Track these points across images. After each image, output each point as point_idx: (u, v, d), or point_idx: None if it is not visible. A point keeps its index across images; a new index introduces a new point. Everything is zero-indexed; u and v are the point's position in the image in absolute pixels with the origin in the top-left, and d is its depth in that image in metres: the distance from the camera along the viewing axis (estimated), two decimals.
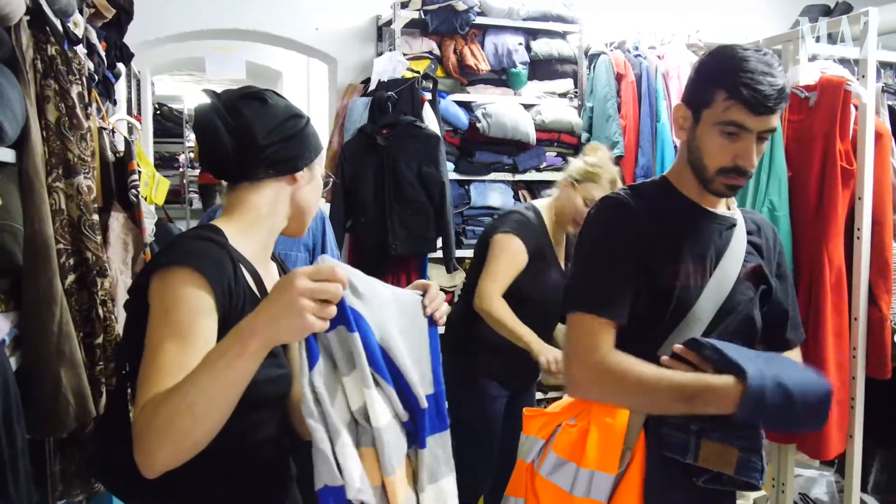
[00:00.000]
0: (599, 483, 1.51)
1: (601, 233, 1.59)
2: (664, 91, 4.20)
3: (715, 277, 1.53)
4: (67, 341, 1.73)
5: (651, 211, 1.56)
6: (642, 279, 1.52)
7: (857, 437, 2.34)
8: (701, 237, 1.56)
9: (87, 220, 1.90)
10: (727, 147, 1.47)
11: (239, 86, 1.41)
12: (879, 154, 2.30)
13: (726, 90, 1.44)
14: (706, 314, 1.52)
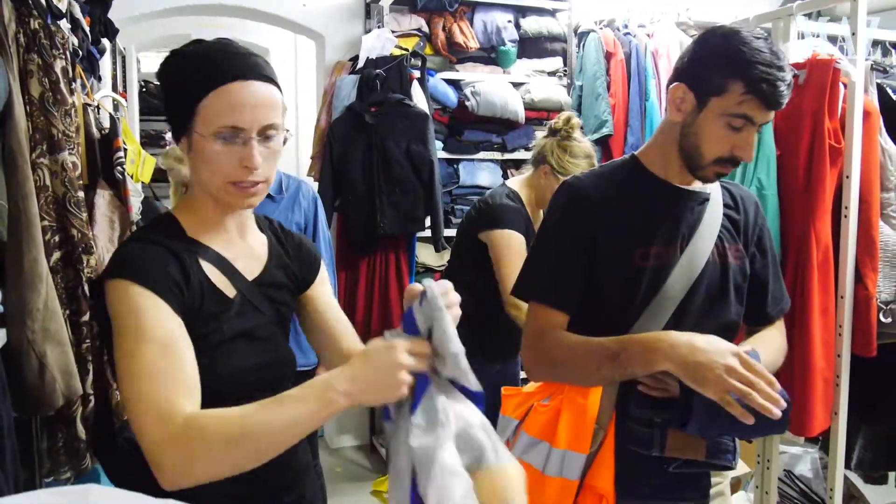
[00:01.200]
0: (571, 462, 1.52)
1: (554, 221, 1.59)
2: (653, 69, 4.20)
3: (686, 255, 1.52)
4: (53, 319, 1.71)
5: (616, 193, 1.54)
6: (608, 264, 1.52)
7: (842, 415, 2.36)
8: (671, 215, 1.54)
9: (73, 197, 1.88)
10: (729, 137, 1.45)
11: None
12: (867, 133, 2.30)
13: (745, 83, 1.40)
14: (677, 293, 1.51)
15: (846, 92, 2.29)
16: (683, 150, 1.51)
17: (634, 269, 1.51)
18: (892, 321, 2.32)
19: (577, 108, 4.23)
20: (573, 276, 1.53)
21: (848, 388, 2.37)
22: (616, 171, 1.60)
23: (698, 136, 1.47)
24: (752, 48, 1.39)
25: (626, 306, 1.52)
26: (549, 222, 1.61)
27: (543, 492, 1.53)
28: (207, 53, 1.22)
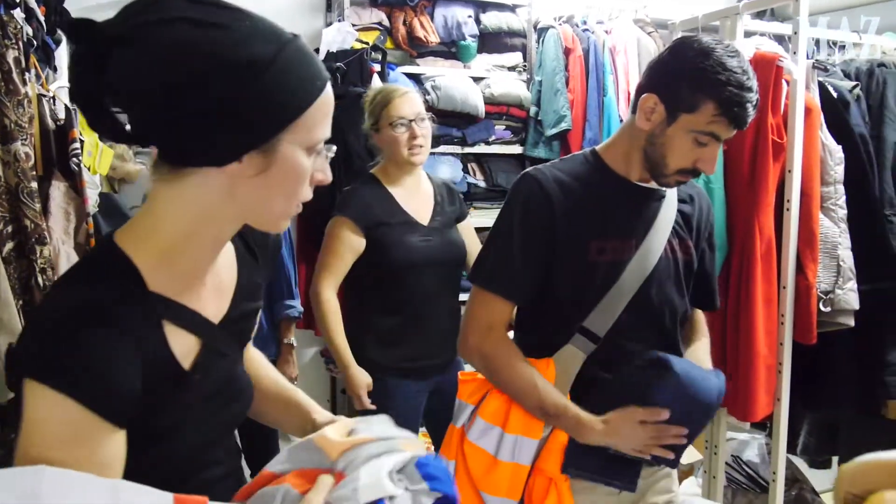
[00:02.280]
0: (523, 448, 1.57)
1: (514, 212, 1.59)
2: (611, 66, 4.26)
3: (641, 251, 1.57)
4: (6, 309, 1.72)
5: (571, 186, 1.56)
6: (565, 255, 1.55)
7: (784, 400, 2.45)
8: (628, 212, 1.58)
9: (26, 188, 1.89)
10: (694, 151, 1.48)
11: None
12: (809, 128, 2.39)
13: (716, 104, 1.43)
14: (631, 287, 1.56)
15: (788, 89, 2.37)
16: (648, 158, 1.54)
17: (589, 263, 1.55)
18: (831, 310, 2.41)
19: (536, 103, 4.28)
20: (529, 268, 1.56)
21: (790, 375, 2.46)
22: (577, 166, 1.62)
23: (665, 147, 1.50)
24: (728, 69, 1.42)
25: (579, 299, 1.56)
26: (509, 212, 1.61)
27: (496, 476, 1.57)
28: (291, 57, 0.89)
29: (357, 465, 0.92)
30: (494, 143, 4.32)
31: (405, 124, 2.39)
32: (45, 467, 0.88)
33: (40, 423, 0.87)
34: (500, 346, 1.58)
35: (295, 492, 0.92)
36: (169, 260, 0.93)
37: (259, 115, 0.87)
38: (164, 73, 0.85)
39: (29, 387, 0.85)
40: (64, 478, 0.90)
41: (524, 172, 1.62)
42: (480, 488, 1.59)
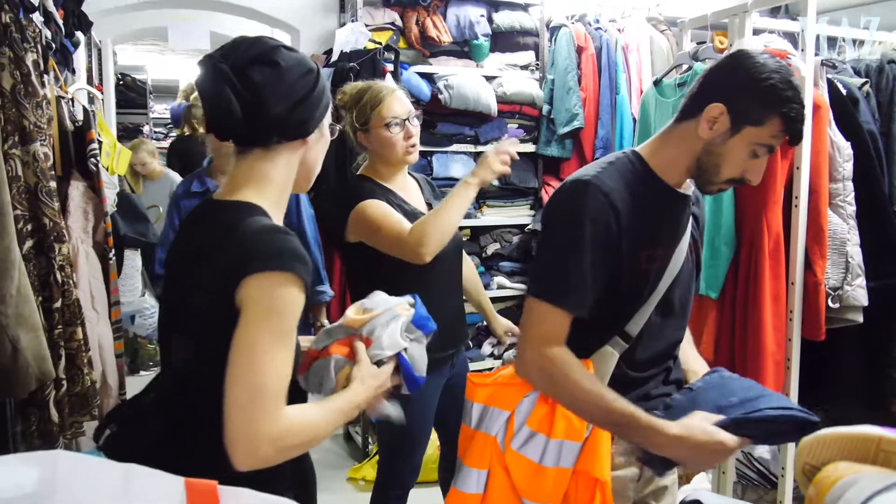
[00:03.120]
0: (567, 452, 1.57)
1: (580, 222, 1.52)
2: (623, 64, 4.28)
3: (674, 256, 1.60)
4: (26, 304, 1.77)
5: (630, 197, 1.54)
6: (621, 263, 1.54)
7: (793, 395, 2.46)
8: (673, 220, 1.61)
9: (44, 187, 1.94)
10: (747, 162, 1.51)
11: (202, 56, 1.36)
12: (817, 125, 2.39)
13: (783, 121, 1.46)
14: (664, 288, 1.59)
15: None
16: (701, 165, 1.55)
17: (641, 272, 1.57)
18: (839, 306, 2.42)
19: (548, 102, 4.30)
20: (598, 280, 1.53)
21: (798, 371, 2.46)
22: (628, 174, 1.59)
23: (722, 157, 1.52)
24: (793, 87, 1.47)
25: (626, 305, 1.59)
26: (576, 225, 1.53)
27: (540, 482, 1.58)
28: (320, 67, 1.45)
29: (378, 332, 1.44)
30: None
31: (399, 124, 2.30)
32: (61, 451, 0.92)
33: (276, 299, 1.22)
34: (559, 360, 1.52)
35: (342, 357, 1.43)
36: (276, 207, 1.36)
37: (321, 104, 1.37)
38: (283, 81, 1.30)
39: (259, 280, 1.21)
40: (78, 461, 0.94)
41: (583, 181, 1.54)
42: (524, 496, 1.60)
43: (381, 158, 2.37)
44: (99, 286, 2.57)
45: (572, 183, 1.56)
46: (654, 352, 1.63)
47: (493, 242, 4.42)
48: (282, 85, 1.29)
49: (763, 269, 2.38)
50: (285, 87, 1.29)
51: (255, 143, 1.33)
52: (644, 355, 1.62)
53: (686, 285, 1.66)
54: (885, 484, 0.87)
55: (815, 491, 0.97)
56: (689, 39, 3.03)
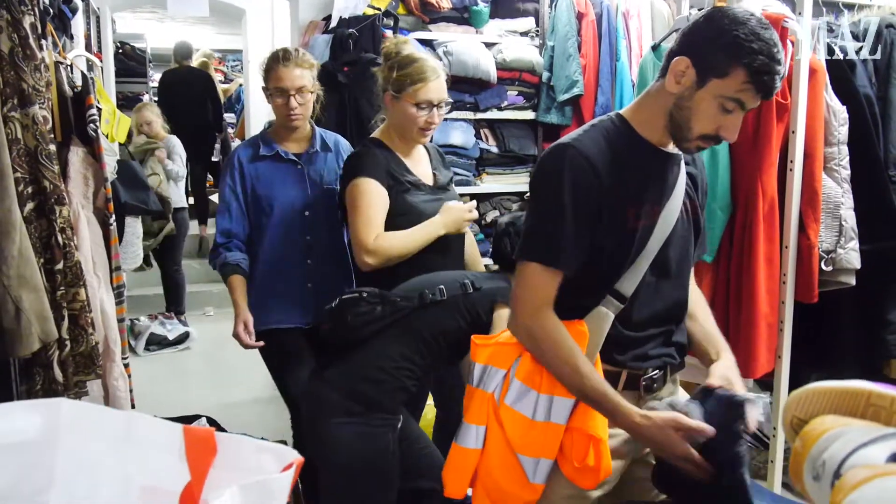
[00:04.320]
0: (558, 407, 1.60)
1: (561, 186, 1.56)
2: (624, 30, 4.25)
3: (663, 214, 1.61)
4: (28, 266, 1.80)
5: (611, 156, 1.57)
6: (605, 224, 1.57)
7: (785, 357, 2.50)
8: (658, 178, 1.62)
9: (44, 150, 1.95)
10: (718, 118, 1.50)
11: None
12: (813, 89, 2.40)
13: (747, 72, 1.45)
14: (656, 246, 1.60)
15: (794, 49, 2.38)
16: (673, 121, 1.56)
17: (627, 231, 1.59)
18: (832, 269, 2.44)
19: (548, 69, 4.28)
20: (582, 240, 1.57)
21: (791, 333, 2.49)
22: (609, 134, 1.62)
23: (691, 111, 1.52)
24: (761, 39, 1.45)
25: (616, 264, 1.60)
26: (557, 186, 1.58)
27: (532, 437, 1.62)
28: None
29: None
30: (507, 109, 4.33)
31: (427, 108, 2.38)
32: (65, 399, 0.95)
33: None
34: (547, 326, 1.58)
35: None
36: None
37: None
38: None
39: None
40: (81, 409, 0.97)
41: (563, 145, 1.59)
42: (517, 450, 1.64)
43: (397, 129, 2.46)
44: (100, 251, 2.59)
45: (553, 148, 1.61)
46: (651, 312, 1.65)
47: (493, 210, 4.43)
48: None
49: (757, 233, 2.40)
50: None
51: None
52: (641, 315, 1.64)
53: (682, 246, 1.67)
54: (870, 437, 0.88)
55: (801, 443, 0.98)
56: (688, 4, 3.02)
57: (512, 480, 1.64)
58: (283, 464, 0.91)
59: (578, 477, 1.60)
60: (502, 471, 1.65)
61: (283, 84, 2.60)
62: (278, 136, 2.72)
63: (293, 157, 2.68)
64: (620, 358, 1.65)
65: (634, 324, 1.64)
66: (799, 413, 1.06)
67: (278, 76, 2.60)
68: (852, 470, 0.80)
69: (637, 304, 1.62)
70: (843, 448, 0.88)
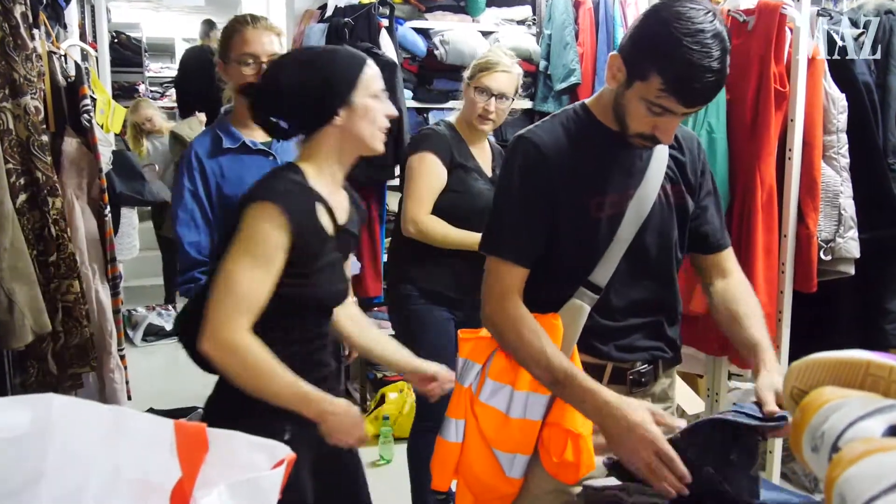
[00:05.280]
0: (534, 404, 1.58)
1: (513, 177, 1.59)
2: (621, 18, 4.22)
3: (634, 200, 1.57)
4: (20, 258, 1.79)
5: (568, 146, 1.56)
6: (566, 215, 1.56)
7: (784, 348, 2.49)
8: (622, 165, 1.58)
9: (37, 141, 1.94)
10: (650, 119, 1.46)
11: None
12: (812, 77, 2.38)
13: (662, 78, 1.38)
14: (627, 236, 1.57)
15: (792, 37, 2.36)
16: (616, 116, 1.54)
17: (591, 220, 1.56)
18: (831, 258, 2.43)
19: (545, 57, 4.25)
20: (535, 231, 1.57)
21: (790, 323, 2.49)
22: (569, 122, 1.60)
23: (625, 109, 1.49)
24: (682, 44, 1.35)
25: (583, 256, 1.58)
26: (508, 177, 1.61)
27: (508, 433, 1.61)
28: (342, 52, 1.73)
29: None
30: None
31: (486, 95, 2.55)
32: (55, 395, 0.94)
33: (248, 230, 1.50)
34: (510, 313, 1.57)
35: None
36: (320, 168, 1.61)
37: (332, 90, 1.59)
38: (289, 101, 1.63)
39: (250, 210, 1.51)
40: (71, 404, 0.96)
41: (518, 136, 1.60)
42: (493, 445, 1.63)
43: (465, 114, 2.66)
44: (95, 243, 2.58)
45: (512, 140, 1.63)
46: (630, 301, 1.62)
47: None
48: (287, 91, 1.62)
49: (755, 222, 2.39)
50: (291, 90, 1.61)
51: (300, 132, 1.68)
52: (619, 305, 1.61)
53: (661, 233, 1.62)
54: (869, 409, 0.88)
55: (801, 415, 0.97)
56: None
57: (490, 474, 1.64)
58: (274, 460, 0.90)
59: (559, 472, 1.57)
60: (480, 465, 1.65)
61: (253, 49, 2.15)
62: (240, 122, 2.20)
63: (262, 146, 2.20)
64: (603, 349, 1.62)
65: (613, 314, 1.61)
66: (799, 384, 1.06)
67: (245, 40, 2.16)
68: (850, 444, 0.80)
69: (614, 294, 1.60)
70: (841, 420, 0.89)
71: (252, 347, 1.46)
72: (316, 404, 1.52)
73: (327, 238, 1.59)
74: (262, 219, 1.49)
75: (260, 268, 1.48)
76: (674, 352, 1.71)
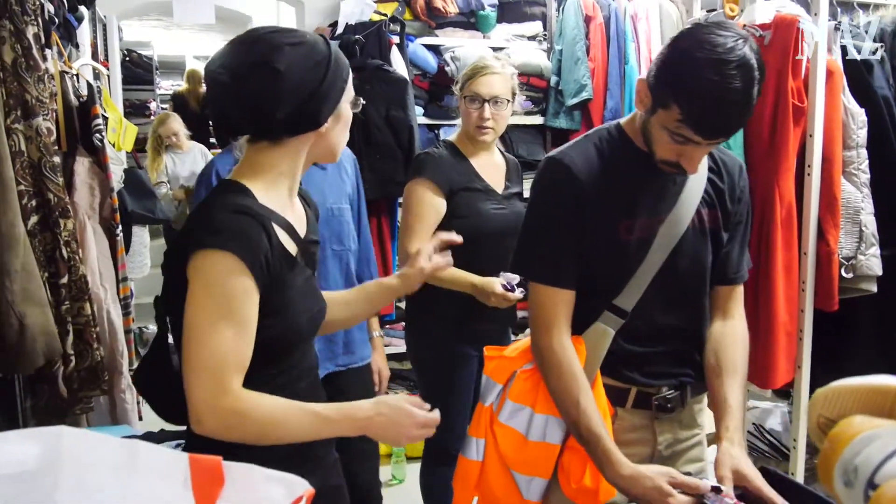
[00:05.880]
0: (554, 427, 1.57)
1: (543, 198, 1.58)
2: (632, 33, 4.21)
3: (666, 225, 1.54)
4: (32, 280, 1.76)
5: (600, 167, 1.53)
6: (596, 237, 1.53)
7: (805, 368, 2.44)
8: (655, 188, 1.55)
9: (48, 162, 1.92)
10: (675, 147, 1.43)
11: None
12: (831, 92, 2.35)
13: (680, 108, 1.35)
14: (657, 261, 1.55)
15: (809, 51, 2.33)
16: (644, 139, 1.51)
17: (620, 243, 1.53)
18: (853, 276, 2.39)
19: (556, 73, 4.24)
20: (570, 253, 1.54)
21: (811, 342, 2.44)
22: (602, 143, 1.58)
23: (651, 136, 1.47)
24: (703, 76, 1.32)
25: (610, 279, 1.56)
26: (539, 200, 1.59)
27: (526, 455, 1.59)
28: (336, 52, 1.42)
29: None
30: (515, 114, 4.29)
31: (478, 103, 2.39)
32: (65, 427, 0.91)
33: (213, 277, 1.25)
34: (554, 349, 1.54)
35: None
36: (271, 189, 1.36)
37: (333, 93, 1.34)
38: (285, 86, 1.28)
39: (200, 257, 1.25)
40: (82, 437, 0.93)
41: (550, 157, 1.58)
42: (511, 467, 1.61)
43: (465, 130, 2.50)
44: (106, 262, 2.56)
45: (543, 160, 1.60)
46: (657, 327, 1.58)
47: None
48: (284, 90, 1.28)
49: (775, 239, 2.35)
50: (288, 90, 1.28)
51: (262, 139, 1.36)
52: (645, 329, 1.58)
53: (694, 258, 1.59)
54: None
55: (831, 446, 0.94)
56: (699, 6, 2.98)
57: (508, 495, 1.62)
58: (293, 495, 0.87)
59: (578, 497, 1.55)
60: (499, 485, 1.63)
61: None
62: None
63: None
64: (627, 374, 1.60)
65: (638, 339, 1.58)
66: (826, 412, 1.02)
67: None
68: (890, 482, 0.78)
69: (640, 319, 1.57)
70: (875, 454, 0.85)
71: (255, 405, 1.26)
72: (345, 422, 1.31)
73: (293, 261, 1.37)
74: (219, 271, 1.25)
75: (235, 324, 1.25)
76: (703, 377, 1.66)
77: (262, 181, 1.36)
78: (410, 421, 1.31)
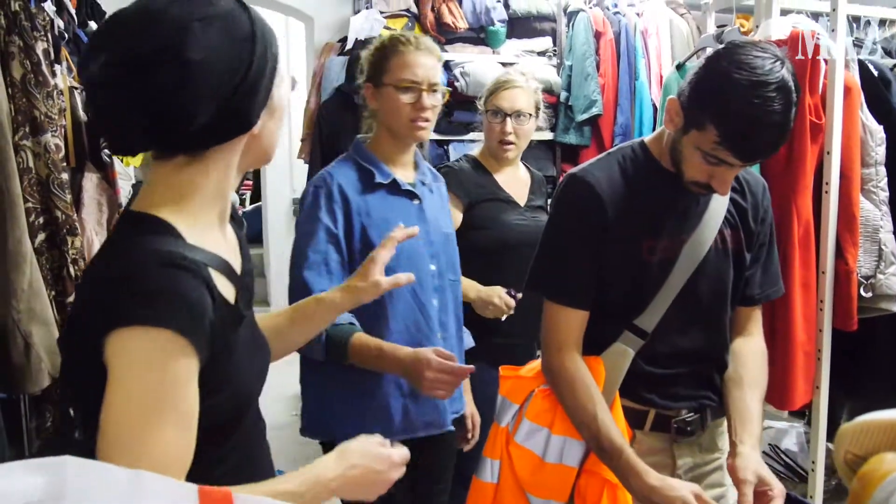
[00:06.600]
0: (571, 449, 1.54)
1: (565, 216, 1.57)
2: (643, 49, 4.19)
3: (689, 245, 1.52)
4: (38, 299, 1.74)
5: (623, 186, 1.52)
6: (617, 257, 1.51)
7: (824, 388, 2.39)
8: (678, 208, 1.53)
9: (56, 179, 1.90)
10: (706, 168, 1.42)
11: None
12: (848, 108, 2.32)
13: (718, 130, 1.34)
14: (679, 281, 1.53)
15: (827, 68, 2.30)
16: (672, 159, 1.50)
17: (641, 263, 1.52)
18: (872, 295, 2.35)
19: (566, 88, 4.23)
20: (587, 273, 1.53)
21: (829, 362, 2.40)
22: (626, 161, 1.56)
23: (681, 155, 1.45)
24: (742, 97, 1.31)
25: (631, 299, 1.54)
26: (561, 217, 1.58)
27: (542, 477, 1.56)
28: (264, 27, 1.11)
29: None
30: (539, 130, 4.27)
31: (500, 117, 2.39)
32: (69, 458, 0.88)
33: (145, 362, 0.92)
34: (567, 367, 1.52)
35: None
36: (198, 221, 1.04)
37: (261, 86, 1.02)
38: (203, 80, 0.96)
39: (127, 337, 0.91)
40: (88, 467, 0.90)
41: (572, 174, 1.55)
42: (527, 490, 1.58)
43: (486, 143, 2.49)
44: None
45: (564, 177, 1.58)
46: (677, 350, 1.56)
47: None
48: (200, 85, 0.95)
49: (792, 258, 2.31)
50: (206, 85, 0.95)
51: (176, 153, 1.02)
52: (665, 351, 1.55)
53: (716, 280, 1.57)
54: None
55: (861, 486, 0.92)
56: (713, 22, 2.95)
57: None
58: None
59: None
60: None
61: (416, 73, 1.83)
62: (387, 154, 1.89)
63: (409, 186, 1.89)
64: (646, 396, 1.57)
65: (658, 360, 1.56)
66: (853, 448, 1.00)
67: (406, 63, 1.83)
68: None
69: (660, 341, 1.54)
70: None
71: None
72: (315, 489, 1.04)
73: (237, 314, 1.05)
74: (155, 357, 0.91)
75: (176, 421, 0.93)
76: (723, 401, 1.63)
77: (186, 210, 1.02)
78: (387, 464, 1.10)
